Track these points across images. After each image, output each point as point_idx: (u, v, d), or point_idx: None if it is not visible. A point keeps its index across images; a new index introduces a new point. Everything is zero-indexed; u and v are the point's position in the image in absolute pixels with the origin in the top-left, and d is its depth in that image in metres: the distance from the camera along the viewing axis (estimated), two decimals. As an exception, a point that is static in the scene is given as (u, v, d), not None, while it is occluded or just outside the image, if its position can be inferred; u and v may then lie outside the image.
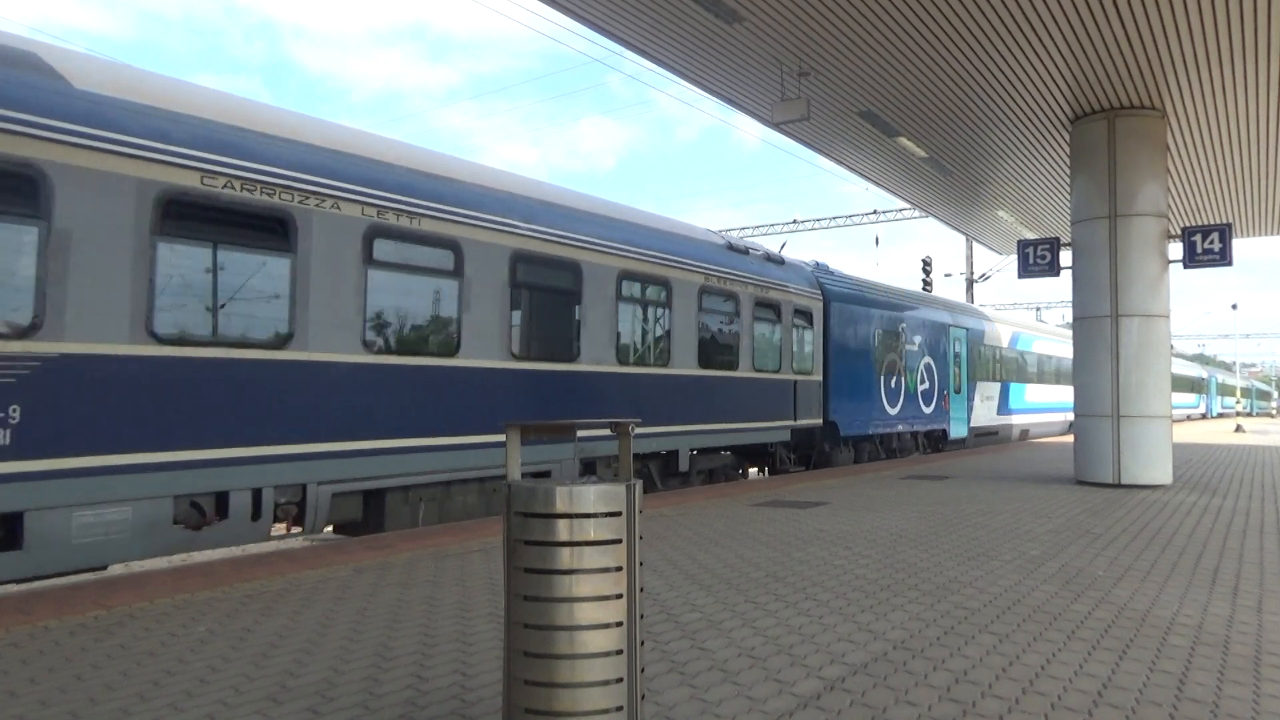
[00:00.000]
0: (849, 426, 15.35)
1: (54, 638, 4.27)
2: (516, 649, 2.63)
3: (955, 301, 21.60)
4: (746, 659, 3.92)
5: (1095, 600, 5.08)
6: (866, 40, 9.92)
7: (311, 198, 7.08)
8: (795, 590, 5.30)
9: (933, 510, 9.01)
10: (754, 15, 9.38)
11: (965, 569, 5.96)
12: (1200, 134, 13.10)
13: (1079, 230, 12.29)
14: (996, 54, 10.20)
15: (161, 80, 6.63)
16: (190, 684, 3.60)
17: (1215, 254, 12.34)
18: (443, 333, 8.15)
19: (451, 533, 7.52)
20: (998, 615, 4.72)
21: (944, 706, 3.33)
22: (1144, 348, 11.67)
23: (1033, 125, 12.81)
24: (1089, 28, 9.40)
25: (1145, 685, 3.59)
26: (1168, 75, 10.72)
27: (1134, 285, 11.71)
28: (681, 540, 7.15)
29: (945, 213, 19.39)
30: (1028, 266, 13.66)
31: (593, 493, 2.63)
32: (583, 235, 9.86)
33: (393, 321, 7.72)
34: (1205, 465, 15.64)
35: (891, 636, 4.28)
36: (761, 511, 8.89)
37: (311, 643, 4.19)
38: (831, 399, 14.87)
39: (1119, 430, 11.68)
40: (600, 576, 2.62)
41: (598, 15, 9.66)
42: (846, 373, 15.36)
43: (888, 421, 16.66)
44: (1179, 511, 9.11)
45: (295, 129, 7.26)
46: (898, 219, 33.13)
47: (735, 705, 3.35)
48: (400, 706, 3.33)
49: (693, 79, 11.48)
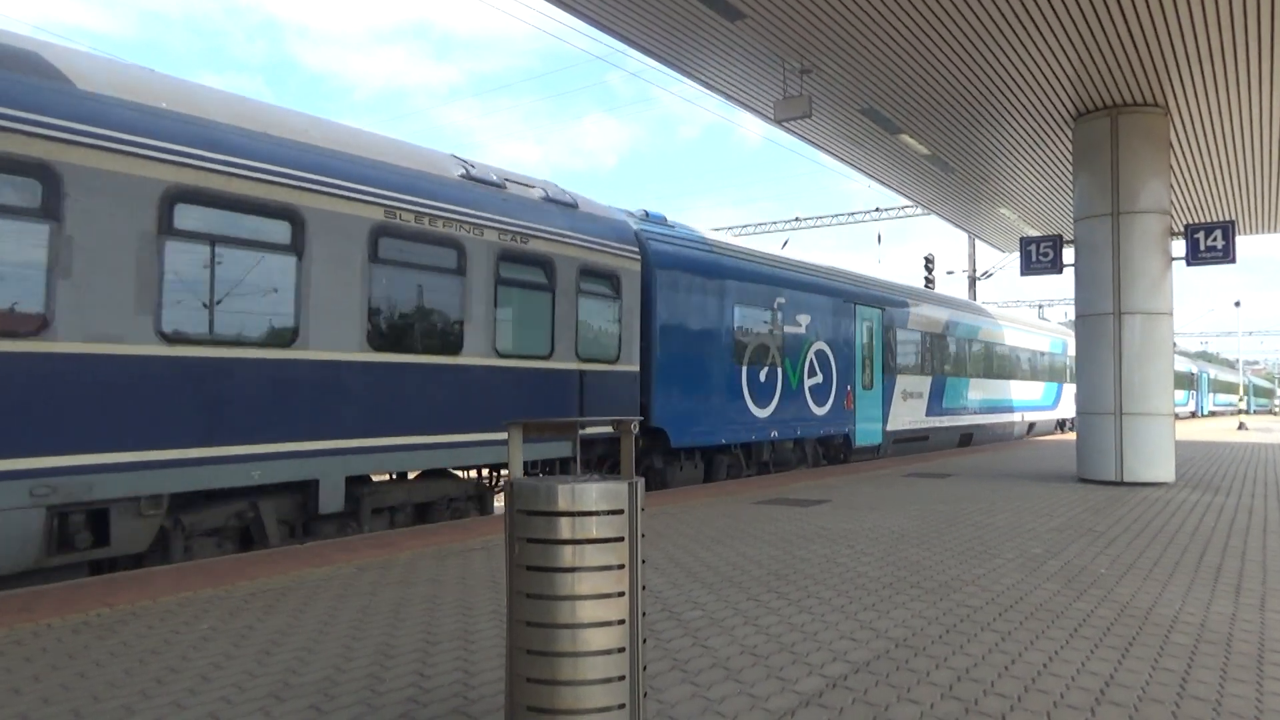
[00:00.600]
0: (684, 434, 11.34)
1: (57, 635, 4.28)
2: (518, 646, 2.63)
3: (865, 275, 17.01)
4: (748, 656, 3.92)
5: (1098, 598, 5.08)
6: (868, 37, 9.91)
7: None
8: (797, 588, 5.29)
9: (935, 508, 9.00)
10: (756, 12, 9.37)
11: (967, 567, 5.96)
12: (1203, 131, 13.07)
13: (1082, 227, 12.27)
14: (999, 51, 10.18)
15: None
16: (193, 682, 3.60)
17: (1218, 251, 12.32)
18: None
19: (453, 531, 7.52)
20: (1000, 613, 4.71)
21: (946, 704, 3.33)
22: (1147, 345, 11.65)
23: (1035, 122, 12.79)
24: (1092, 25, 9.38)
25: (1148, 683, 3.59)
26: (1170, 72, 10.69)
27: (1137, 283, 11.69)
28: (683, 538, 7.15)
29: (947, 210, 19.37)
30: (1030, 264, 13.64)
31: (595, 490, 2.63)
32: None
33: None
34: (1208, 463, 15.62)
35: (894, 634, 4.28)
36: (763, 509, 8.88)
37: (314, 640, 4.19)
38: (656, 397, 10.92)
39: (1121, 428, 11.67)
40: (602, 574, 2.62)
41: (600, 13, 9.66)
42: (682, 362, 11.43)
43: (753, 426, 12.73)
44: (1182, 509, 9.10)
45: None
46: (900, 216, 33.06)
47: (737, 703, 3.34)
48: (402, 704, 3.34)
49: (695, 76, 11.46)
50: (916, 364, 18.21)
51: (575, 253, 9.85)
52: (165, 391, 6.21)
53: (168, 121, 6.42)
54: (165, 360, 6.22)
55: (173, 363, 6.26)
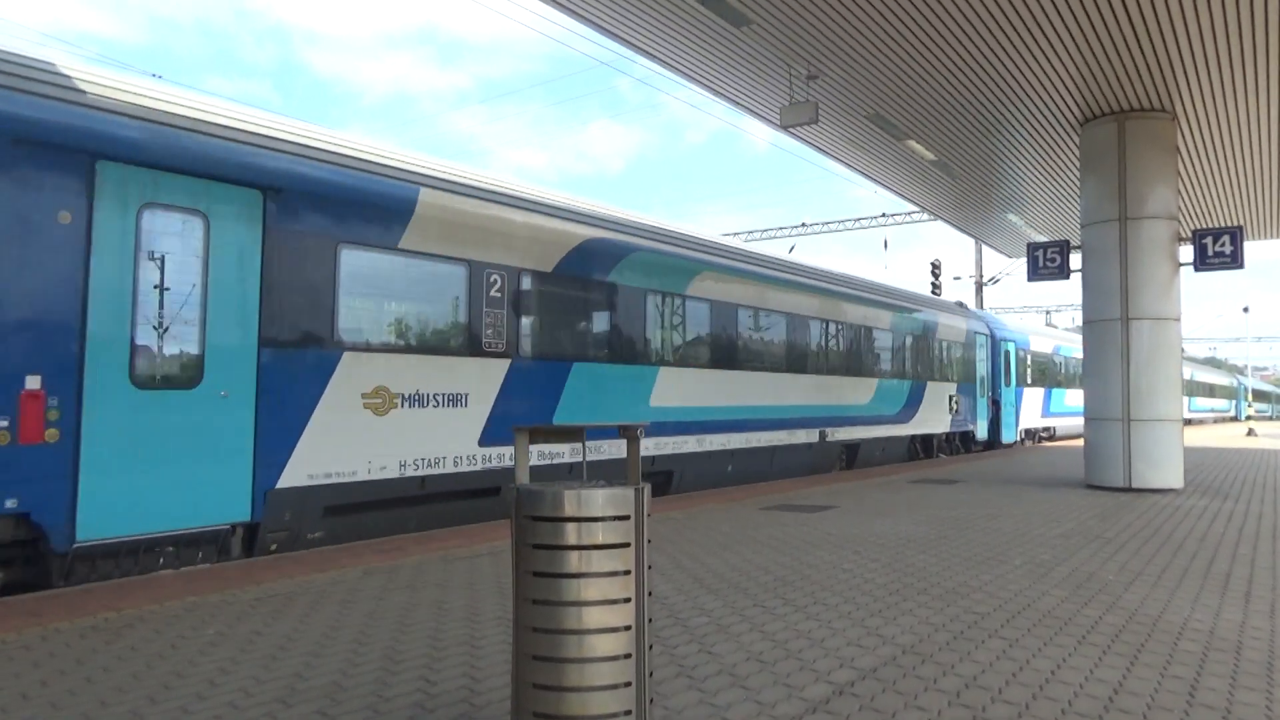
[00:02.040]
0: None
1: (65, 640, 4.29)
2: (525, 652, 2.63)
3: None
4: (755, 663, 3.91)
5: (1106, 605, 5.05)
6: (875, 43, 9.91)
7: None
8: (804, 594, 5.28)
9: (941, 514, 8.97)
10: (762, 18, 9.38)
11: (974, 573, 5.93)
12: (1210, 136, 13.03)
13: (1089, 233, 12.24)
14: (1006, 56, 10.17)
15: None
16: (200, 686, 3.61)
17: (1226, 257, 12.28)
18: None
19: (460, 536, 7.52)
20: (1007, 620, 4.69)
21: (954, 711, 3.31)
22: (1155, 351, 11.60)
23: (1042, 128, 12.77)
24: (1099, 30, 9.37)
25: (1157, 691, 3.57)
26: (1178, 77, 10.67)
27: (1144, 288, 11.65)
28: (689, 544, 7.14)
29: (954, 216, 19.34)
30: (1037, 269, 13.61)
31: (601, 496, 2.63)
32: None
33: None
34: (1217, 469, 15.54)
35: (901, 641, 4.26)
36: (770, 515, 8.87)
37: (320, 646, 4.20)
38: None
39: (1129, 434, 11.62)
40: (608, 580, 2.61)
41: (606, 19, 9.68)
42: None
43: None
44: (1190, 516, 9.05)
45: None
46: (906, 222, 33.05)
47: (744, 710, 3.34)
48: (409, 710, 3.34)
49: (701, 82, 11.48)
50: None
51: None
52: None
53: None
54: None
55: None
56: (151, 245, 6.16)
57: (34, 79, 5.78)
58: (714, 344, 11.83)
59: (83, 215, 5.79)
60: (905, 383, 17.27)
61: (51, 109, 5.73)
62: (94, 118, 5.92)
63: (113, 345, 5.88)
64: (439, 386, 8.07)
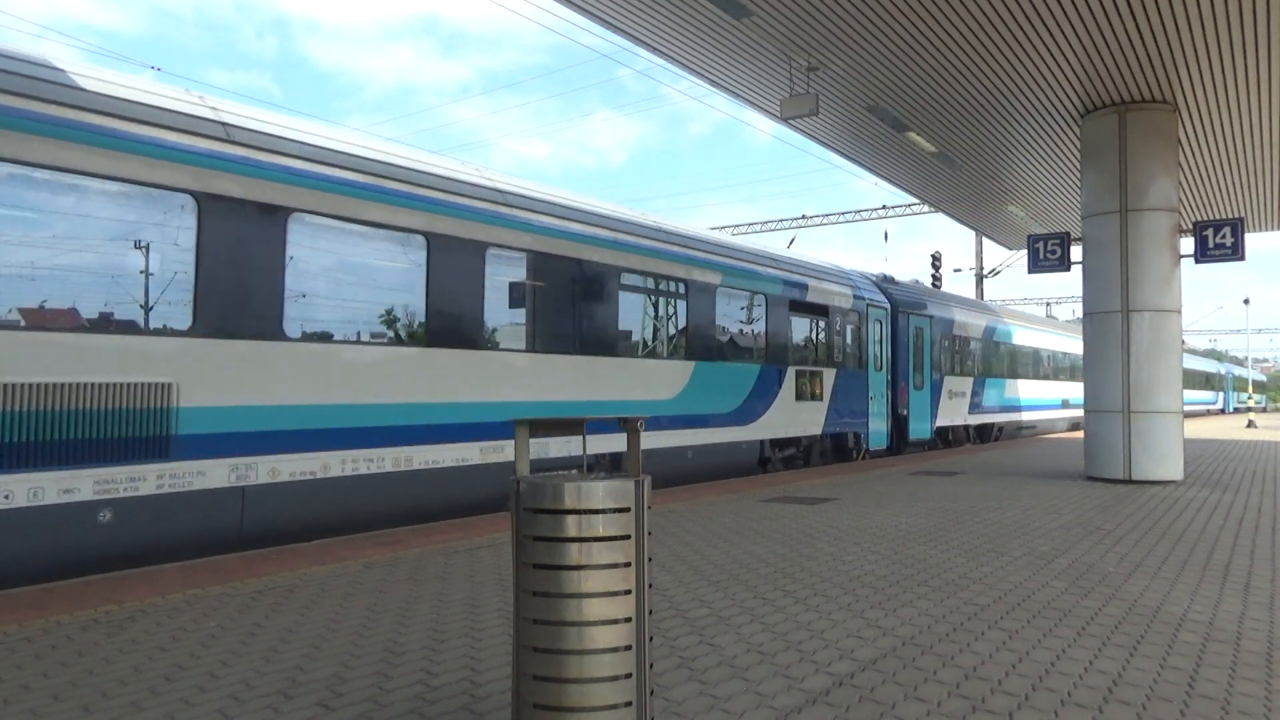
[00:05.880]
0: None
1: (66, 632, 4.30)
2: (525, 644, 2.63)
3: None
4: (755, 655, 3.92)
5: (1105, 596, 5.06)
6: (875, 34, 9.88)
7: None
8: (804, 586, 5.29)
9: (942, 506, 8.98)
10: (762, 10, 9.35)
11: (974, 565, 5.94)
12: (1212, 128, 13.00)
13: (1089, 225, 12.23)
14: (1006, 48, 10.14)
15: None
16: (201, 679, 3.62)
17: (1227, 249, 12.27)
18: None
19: (460, 529, 7.53)
20: (1007, 611, 4.70)
21: (953, 702, 3.32)
22: (1155, 343, 11.60)
23: (1043, 119, 12.73)
24: (1099, 21, 9.33)
25: (1156, 681, 3.57)
26: (1179, 69, 10.64)
27: (1145, 280, 11.64)
28: (690, 536, 7.15)
29: (954, 208, 19.30)
30: (1038, 261, 13.60)
31: (601, 488, 2.63)
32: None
33: None
34: (1217, 461, 15.55)
35: (901, 632, 4.27)
36: (771, 507, 8.88)
37: (321, 638, 4.21)
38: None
39: (1129, 426, 11.63)
40: (609, 572, 2.61)
41: (607, 11, 9.65)
42: None
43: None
44: (1190, 507, 9.06)
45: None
46: (907, 214, 32.98)
47: (744, 701, 3.34)
48: (409, 702, 3.34)
49: (701, 74, 11.45)
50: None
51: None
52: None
53: None
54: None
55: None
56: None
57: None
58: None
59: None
60: (750, 367, 12.34)
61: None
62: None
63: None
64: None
